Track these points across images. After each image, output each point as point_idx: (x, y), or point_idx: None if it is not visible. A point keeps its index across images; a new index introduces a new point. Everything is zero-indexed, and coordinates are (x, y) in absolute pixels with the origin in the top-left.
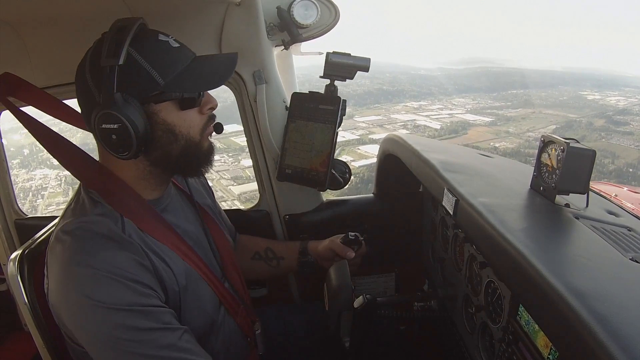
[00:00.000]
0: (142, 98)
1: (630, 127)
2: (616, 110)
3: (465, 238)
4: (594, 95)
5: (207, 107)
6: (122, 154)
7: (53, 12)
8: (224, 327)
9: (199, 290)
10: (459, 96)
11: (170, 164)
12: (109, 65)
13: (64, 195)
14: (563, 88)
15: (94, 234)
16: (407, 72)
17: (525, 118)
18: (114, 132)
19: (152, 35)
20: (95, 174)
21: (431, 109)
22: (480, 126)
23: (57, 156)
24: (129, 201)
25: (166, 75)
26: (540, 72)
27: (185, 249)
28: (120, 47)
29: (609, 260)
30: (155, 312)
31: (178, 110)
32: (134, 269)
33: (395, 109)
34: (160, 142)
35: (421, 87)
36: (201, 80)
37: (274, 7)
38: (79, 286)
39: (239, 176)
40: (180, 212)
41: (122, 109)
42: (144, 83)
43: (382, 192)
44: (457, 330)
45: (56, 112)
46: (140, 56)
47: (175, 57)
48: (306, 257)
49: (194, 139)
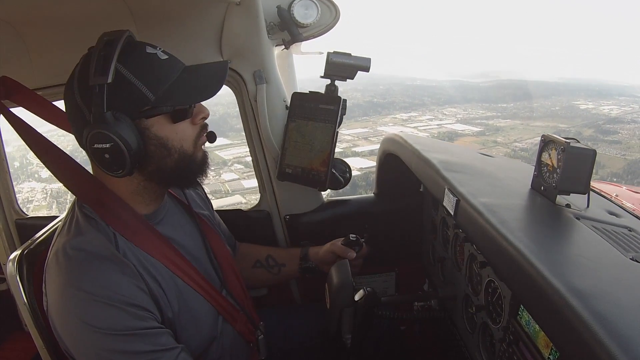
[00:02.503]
0: (133, 114)
1: (619, 135)
2: (607, 119)
3: (465, 238)
4: (587, 105)
5: (199, 117)
6: (116, 172)
7: (53, 12)
8: (224, 337)
9: (193, 308)
10: (451, 106)
11: (165, 177)
12: (98, 84)
13: (47, 209)
14: (556, 98)
15: (90, 255)
16: (402, 83)
17: (514, 128)
18: (106, 152)
19: (139, 48)
20: (89, 187)
21: (420, 119)
22: (469, 136)
23: (51, 168)
24: (124, 215)
25: (156, 89)
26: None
27: (179, 262)
28: (108, 64)
29: (609, 260)
30: (152, 335)
31: (170, 123)
32: (131, 292)
33: (383, 121)
34: (154, 157)
35: (413, 98)
36: (192, 92)
37: (274, 6)
38: (76, 311)
39: (217, 190)
40: (177, 224)
41: (113, 127)
42: (134, 99)
43: (383, 192)
44: (458, 330)
45: (53, 118)
46: (128, 72)
47: (165, 70)
48: (307, 262)
49: (187, 151)
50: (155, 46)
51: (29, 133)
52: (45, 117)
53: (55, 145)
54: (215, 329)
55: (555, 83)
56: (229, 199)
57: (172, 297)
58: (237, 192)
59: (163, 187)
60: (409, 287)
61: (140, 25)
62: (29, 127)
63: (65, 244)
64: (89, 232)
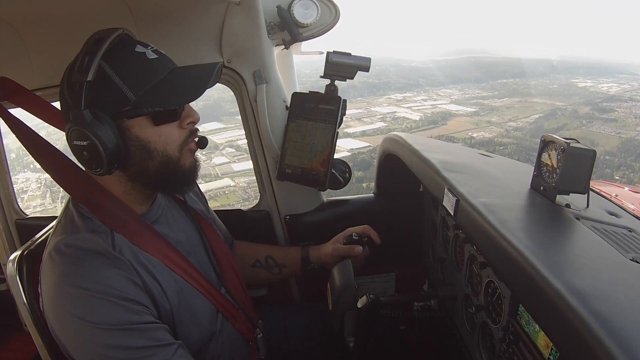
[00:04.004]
0: (114, 114)
1: (615, 113)
2: (604, 97)
3: (465, 238)
4: (586, 83)
5: (187, 121)
6: (95, 170)
7: (53, 12)
8: (222, 335)
9: (193, 305)
10: (447, 87)
11: (149, 180)
12: (79, 81)
13: (42, 198)
14: (555, 76)
15: (84, 252)
16: (397, 65)
17: (510, 108)
18: (84, 149)
19: (128, 47)
20: (86, 188)
21: (415, 100)
22: (463, 116)
23: (48, 168)
24: (119, 214)
25: (137, 89)
26: (535, 61)
27: (177, 260)
28: (92, 61)
29: (609, 260)
30: (148, 330)
31: (152, 125)
32: (125, 287)
33: (378, 102)
34: (135, 159)
35: (408, 79)
36: (175, 94)
37: (274, 6)
38: (71, 307)
39: (207, 174)
40: (172, 221)
41: (89, 125)
42: (114, 98)
43: (383, 192)
44: (457, 330)
45: (52, 119)
46: (112, 70)
47: (150, 70)
48: (309, 265)
49: (171, 155)
50: (147, 45)
51: (25, 133)
52: (43, 118)
53: (52, 145)
54: (214, 325)
55: (554, 61)
56: (219, 182)
57: (170, 292)
58: (227, 175)
59: (150, 189)
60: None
61: (140, 25)
62: (26, 128)
63: (59, 242)
64: (83, 230)
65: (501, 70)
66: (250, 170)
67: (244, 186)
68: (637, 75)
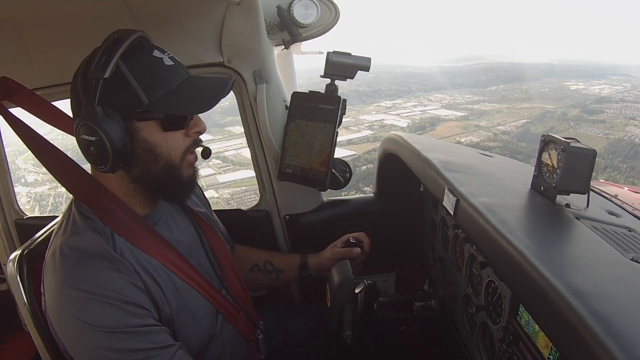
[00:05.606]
0: (125, 114)
1: (604, 115)
2: (595, 99)
3: (465, 238)
4: (578, 85)
5: (194, 130)
6: (99, 166)
7: (53, 12)
8: (223, 336)
9: (192, 307)
10: (438, 92)
11: (151, 184)
12: (95, 77)
13: (30, 212)
14: (547, 80)
15: (86, 254)
16: (391, 71)
17: (500, 112)
18: (92, 144)
19: (147, 50)
20: (88, 188)
21: (405, 106)
22: (452, 121)
23: (49, 168)
24: (121, 215)
25: (152, 93)
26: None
27: (178, 262)
28: (110, 60)
29: (609, 260)
30: (148, 332)
31: (161, 130)
32: (126, 290)
33: (367, 110)
34: (140, 161)
35: (400, 85)
36: (187, 103)
37: (274, 6)
38: (73, 310)
39: None
40: (173, 223)
41: (100, 122)
42: (128, 99)
43: (383, 192)
44: (457, 330)
45: (52, 118)
46: (128, 71)
47: (166, 76)
48: (307, 271)
49: (174, 161)
50: (164, 51)
51: (27, 134)
52: (44, 118)
53: (54, 145)
54: (214, 327)
55: (547, 64)
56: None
57: (170, 295)
58: (211, 187)
59: (150, 193)
60: (409, 287)
61: (140, 25)
62: (27, 128)
63: (62, 243)
64: (85, 231)
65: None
66: (234, 182)
67: (227, 197)
68: (631, 76)
